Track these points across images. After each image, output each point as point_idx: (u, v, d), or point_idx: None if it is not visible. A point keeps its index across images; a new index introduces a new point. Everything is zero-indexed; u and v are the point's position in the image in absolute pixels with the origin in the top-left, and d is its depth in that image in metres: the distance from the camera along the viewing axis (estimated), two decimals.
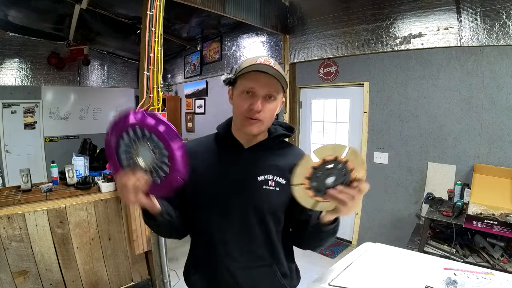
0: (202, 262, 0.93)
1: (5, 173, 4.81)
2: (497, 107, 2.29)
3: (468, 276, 0.82)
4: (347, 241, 3.38)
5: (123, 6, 3.78)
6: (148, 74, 2.09)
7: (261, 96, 0.81)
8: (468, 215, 1.97)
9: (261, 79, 0.80)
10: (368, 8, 2.91)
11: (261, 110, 0.81)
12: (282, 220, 0.91)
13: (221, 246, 0.87)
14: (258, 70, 0.79)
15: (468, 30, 2.34)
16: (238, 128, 0.89)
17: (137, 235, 2.20)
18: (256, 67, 0.79)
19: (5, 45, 4.71)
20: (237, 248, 0.87)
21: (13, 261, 1.77)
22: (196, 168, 0.89)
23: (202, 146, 0.96)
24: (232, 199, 0.85)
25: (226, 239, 0.87)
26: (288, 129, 0.98)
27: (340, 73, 3.26)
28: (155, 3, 2.06)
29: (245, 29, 4.14)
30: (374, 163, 3.02)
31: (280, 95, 0.86)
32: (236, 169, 0.88)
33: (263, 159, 0.89)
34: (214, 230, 0.88)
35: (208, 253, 0.90)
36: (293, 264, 0.98)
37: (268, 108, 0.83)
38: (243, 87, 0.82)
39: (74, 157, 2.44)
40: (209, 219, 0.89)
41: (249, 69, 0.80)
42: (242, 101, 0.82)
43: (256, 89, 0.81)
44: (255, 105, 0.80)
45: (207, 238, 0.90)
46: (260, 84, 0.80)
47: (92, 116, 6.00)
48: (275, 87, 0.82)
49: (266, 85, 0.81)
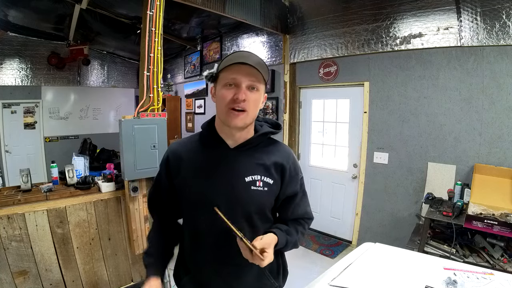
0: (191, 264, 0.93)
1: (5, 173, 4.80)
2: (497, 107, 2.29)
3: (468, 276, 0.82)
4: (347, 241, 3.38)
5: (123, 6, 3.77)
6: (148, 74, 2.09)
7: (244, 86, 0.82)
8: (468, 215, 1.97)
9: (243, 69, 0.81)
10: (368, 8, 2.91)
11: (245, 99, 0.81)
12: (270, 218, 0.92)
13: (209, 247, 0.87)
14: (239, 62, 0.80)
15: (468, 30, 2.34)
16: (222, 124, 0.88)
17: (137, 235, 2.20)
18: (237, 59, 0.80)
19: (5, 45, 4.71)
20: (226, 250, 0.86)
21: (13, 261, 1.77)
22: (181, 169, 0.89)
23: (186, 146, 0.95)
24: (219, 200, 0.84)
25: (214, 240, 0.87)
26: (274, 126, 0.97)
27: (340, 73, 3.26)
28: (155, 3, 2.07)
29: (245, 29, 4.14)
30: (374, 163, 3.02)
31: (262, 87, 0.87)
32: (223, 170, 0.87)
33: (250, 158, 0.88)
34: (202, 230, 0.88)
35: (197, 254, 0.90)
36: (282, 260, 0.98)
37: (251, 99, 0.83)
38: (226, 80, 0.83)
39: (74, 157, 2.44)
40: (197, 221, 0.89)
41: (231, 61, 0.81)
42: (226, 93, 0.83)
43: (239, 79, 0.81)
44: (240, 94, 0.80)
45: (195, 239, 0.90)
46: (242, 74, 0.81)
47: (92, 116, 6.00)
48: (257, 77, 0.83)
49: (248, 74, 0.82)
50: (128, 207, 2.15)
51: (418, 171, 2.72)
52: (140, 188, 2.16)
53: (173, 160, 0.93)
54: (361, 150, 3.16)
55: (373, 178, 3.05)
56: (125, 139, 2.01)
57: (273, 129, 0.95)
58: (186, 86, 5.48)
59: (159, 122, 2.15)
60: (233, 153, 0.88)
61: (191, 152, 0.92)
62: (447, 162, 2.55)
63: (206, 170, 0.88)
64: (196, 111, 5.28)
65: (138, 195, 2.16)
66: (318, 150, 3.70)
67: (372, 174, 3.06)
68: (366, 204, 3.13)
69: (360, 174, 3.15)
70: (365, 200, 3.12)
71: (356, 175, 3.24)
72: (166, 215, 1.01)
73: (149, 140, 2.11)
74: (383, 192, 2.98)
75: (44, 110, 5.34)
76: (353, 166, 3.28)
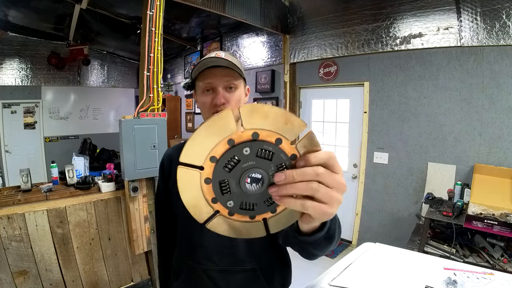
0: (183, 268, 0.90)
1: (5, 173, 4.81)
2: (497, 107, 2.29)
3: (468, 276, 0.82)
4: (347, 241, 3.38)
5: (123, 6, 3.78)
6: (148, 74, 2.09)
7: (220, 88, 0.80)
8: (468, 215, 1.97)
9: (216, 72, 0.79)
10: (368, 8, 2.91)
11: (224, 102, 0.80)
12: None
13: (201, 251, 0.85)
14: (209, 67, 0.79)
15: (468, 30, 2.34)
16: None
17: (137, 235, 2.20)
18: (205, 64, 0.79)
19: (5, 45, 4.71)
20: (218, 253, 0.84)
21: (13, 261, 1.77)
22: (173, 170, 0.89)
23: (179, 149, 0.92)
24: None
25: (206, 244, 0.84)
26: None
27: (340, 73, 3.26)
28: (155, 3, 2.07)
29: (245, 29, 4.14)
30: (374, 163, 3.02)
31: (241, 82, 0.85)
32: None
33: None
34: (194, 234, 0.86)
35: (188, 259, 0.88)
36: (282, 267, 0.92)
37: (232, 98, 0.81)
38: (202, 86, 0.82)
39: (74, 157, 2.44)
40: (188, 224, 0.87)
41: (201, 68, 0.80)
42: (205, 99, 0.82)
43: (214, 83, 0.80)
44: (218, 99, 0.79)
45: (186, 243, 0.88)
46: (216, 78, 0.80)
47: (92, 116, 6.01)
48: (232, 76, 0.81)
49: (222, 76, 0.80)
50: (128, 207, 2.15)
51: (418, 171, 2.72)
52: (140, 188, 2.16)
53: (167, 163, 0.96)
54: (361, 150, 3.16)
55: (373, 178, 3.05)
56: (125, 139, 2.01)
57: None
58: None
59: (159, 122, 2.15)
60: None
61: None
62: (447, 162, 2.55)
63: None
64: (196, 111, 5.29)
65: (138, 195, 2.16)
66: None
67: (372, 174, 3.06)
68: (366, 204, 3.13)
69: (360, 174, 3.15)
70: (365, 200, 3.12)
71: (356, 175, 3.24)
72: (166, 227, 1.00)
73: (149, 140, 2.11)
74: (383, 192, 2.98)
75: (44, 110, 5.35)
76: (353, 166, 3.28)
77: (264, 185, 0.38)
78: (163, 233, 1.03)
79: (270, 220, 0.42)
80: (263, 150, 0.37)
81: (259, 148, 0.37)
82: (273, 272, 0.89)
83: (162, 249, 1.05)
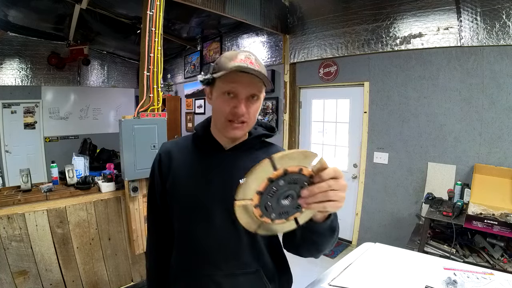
0: (184, 271, 0.88)
1: (5, 173, 4.81)
2: (497, 107, 2.29)
3: (468, 276, 0.82)
4: (347, 241, 3.38)
5: (123, 6, 3.78)
6: (148, 74, 2.09)
7: (244, 97, 0.74)
8: (468, 215, 1.97)
9: (243, 78, 0.72)
10: (368, 8, 2.91)
11: (243, 114, 0.75)
12: None
13: (204, 254, 0.82)
14: (239, 71, 0.72)
15: (468, 30, 2.34)
16: (218, 130, 0.83)
17: (137, 235, 2.20)
18: (237, 68, 0.71)
19: (5, 45, 4.71)
20: (221, 256, 0.82)
21: (13, 261, 1.77)
22: (172, 168, 0.86)
23: (178, 145, 0.90)
24: (214, 205, 0.79)
25: (209, 247, 0.82)
26: (269, 129, 0.93)
27: (340, 73, 3.26)
28: (155, 3, 2.07)
29: (245, 29, 4.14)
30: (374, 163, 3.02)
31: (263, 93, 0.80)
32: (217, 172, 0.82)
33: (245, 161, 0.82)
34: (196, 237, 0.83)
35: (190, 262, 0.85)
36: (283, 267, 0.93)
37: (252, 109, 0.77)
38: (224, 88, 0.75)
39: (74, 157, 2.44)
40: (190, 225, 0.84)
41: (230, 69, 0.72)
42: (223, 104, 0.75)
43: (239, 90, 0.74)
44: (239, 108, 0.74)
45: (188, 245, 0.85)
46: (242, 85, 0.73)
47: (92, 116, 6.01)
48: (257, 87, 0.75)
49: (249, 85, 0.74)
50: (128, 207, 2.15)
51: (418, 171, 2.72)
52: (140, 188, 2.16)
53: (165, 159, 0.89)
54: (361, 150, 3.16)
55: (373, 178, 3.05)
56: (125, 139, 2.01)
57: (268, 132, 0.91)
58: (186, 86, 5.48)
59: (159, 122, 2.15)
60: (227, 154, 0.85)
61: (183, 152, 0.88)
62: (447, 162, 2.55)
63: (199, 171, 0.84)
64: (196, 111, 5.29)
65: (138, 195, 2.16)
66: (318, 150, 3.69)
67: (372, 174, 3.06)
68: (366, 204, 3.12)
69: (360, 174, 3.15)
70: (365, 200, 3.12)
71: (356, 175, 3.24)
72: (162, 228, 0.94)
73: (149, 140, 2.12)
74: (383, 192, 2.98)
75: (44, 110, 5.35)
76: (353, 166, 3.28)
77: (294, 199, 0.58)
78: (159, 234, 0.94)
79: (299, 218, 0.62)
80: (292, 178, 0.56)
81: (289, 178, 0.56)
82: (275, 273, 0.90)
83: (158, 251, 0.96)
